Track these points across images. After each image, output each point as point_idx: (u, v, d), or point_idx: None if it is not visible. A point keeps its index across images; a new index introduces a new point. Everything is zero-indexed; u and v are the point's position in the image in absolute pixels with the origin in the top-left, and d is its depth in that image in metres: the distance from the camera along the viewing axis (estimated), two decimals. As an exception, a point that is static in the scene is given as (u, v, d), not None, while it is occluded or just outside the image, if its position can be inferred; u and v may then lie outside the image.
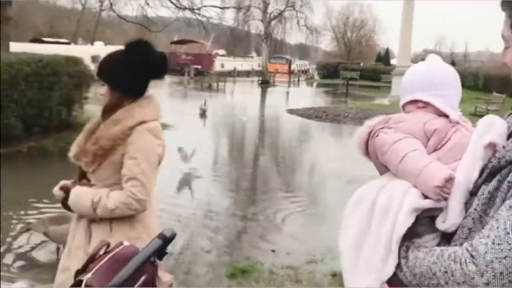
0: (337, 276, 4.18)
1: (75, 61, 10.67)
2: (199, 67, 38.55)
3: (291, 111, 18.31)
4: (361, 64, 48.40)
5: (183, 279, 4.02)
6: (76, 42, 35.03)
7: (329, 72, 46.45)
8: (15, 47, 12.52)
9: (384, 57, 52.86)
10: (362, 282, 1.16)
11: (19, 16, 26.69)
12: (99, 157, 2.12)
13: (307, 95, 28.64)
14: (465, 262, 0.96)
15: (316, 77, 49.83)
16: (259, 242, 5.03)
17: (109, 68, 2.22)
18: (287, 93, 28.14)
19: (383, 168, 1.27)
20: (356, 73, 40.72)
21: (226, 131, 13.87)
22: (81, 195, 2.13)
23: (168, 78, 34.62)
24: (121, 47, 2.26)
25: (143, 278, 1.78)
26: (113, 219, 2.20)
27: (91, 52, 21.93)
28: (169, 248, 1.83)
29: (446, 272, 0.99)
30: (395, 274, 1.13)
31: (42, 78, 9.35)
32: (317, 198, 6.80)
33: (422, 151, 1.16)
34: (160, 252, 1.86)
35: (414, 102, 1.29)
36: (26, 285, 2.06)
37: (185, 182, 7.35)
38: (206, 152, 9.26)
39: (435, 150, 1.17)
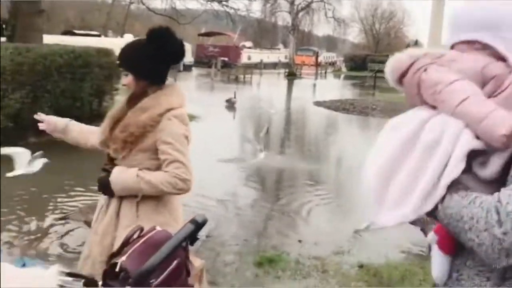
0: (364, 268, 4.19)
1: (106, 53, 10.86)
2: (226, 59, 38.65)
3: (318, 103, 18.23)
4: (389, 56, 47.40)
5: (210, 267, 4.09)
6: (106, 34, 35.58)
7: (357, 64, 45.90)
8: (48, 39, 12.82)
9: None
10: (393, 214, 1.13)
11: (51, 10, 27.31)
12: (129, 143, 2.18)
13: (334, 88, 28.42)
14: (491, 211, 0.97)
15: (344, 69, 49.37)
16: (286, 233, 5.06)
17: (132, 58, 2.26)
18: (314, 85, 27.98)
19: (418, 103, 1.21)
20: (384, 65, 40.07)
21: (252, 123, 13.89)
22: (125, 171, 2.19)
23: (195, 71, 35.00)
24: None
25: (175, 262, 1.84)
26: (140, 205, 2.25)
27: (121, 45, 21.82)
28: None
29: (472, 218, 1.00)
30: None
31: (74, 69, 9.57)
32: (344, 191, 6.78)
33: (483, 96, 1.09)
34: (191, 238, 1.92)
35: (469, 42, 1.19)
36: (60, 269, 2.13)
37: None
38: (233, 143, 9.33)
39: (489, 97, 1.10)
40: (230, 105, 15.67)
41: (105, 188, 2.25)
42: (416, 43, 54.33)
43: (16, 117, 8.48)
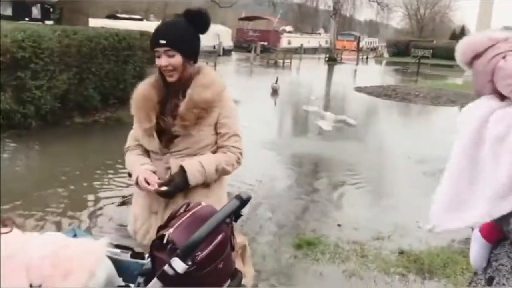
0: (404, 254, 4.14)
1: (148, 36, 10.95)
2: (265, 43, 38.49)
3: (359, 89, 17.94)
4: (434, 42, 46.20)
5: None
6: (148, 18, 36.04)
7: (400, 50, 44.83)
8: (93, 22, 13.12)
9: (460, 35, 49.99)
10: (470, 215, 1.10)
11: (95, -7, 27.81)
12: (201, 119, 2.20)
13: (376, 73, 27.82)
14: None
15: (386, 55, 48.27)
16: (325, 217, 5.04)
17: (181, 36, 2.18)
18: (355, 71, 27.50)
19: (487, 91, 1.17)
20: (429, 51, 38.93)
21: (291, 108, 13.82)
22: (200, 169, 2.20)
23: (234, 55, 35.04)
24: None
25: (220, 237, 1.88)
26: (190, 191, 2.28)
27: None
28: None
29: None
30: None
31: (118, 52, 9.79)
32: (385, 177, 6.68)
33: None
34: (236, 213, 1.95)
35: None
36: (109, 241, 2.21)
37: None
38: (272, 128, 9.33)
39: None
40: (273, 90, 15.32)
41: (181, 190, 2.24)
42: (463, 29, 52.48)
43: (63, 98, 8.77)
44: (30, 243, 1.95)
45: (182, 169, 2.21)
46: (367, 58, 41.52)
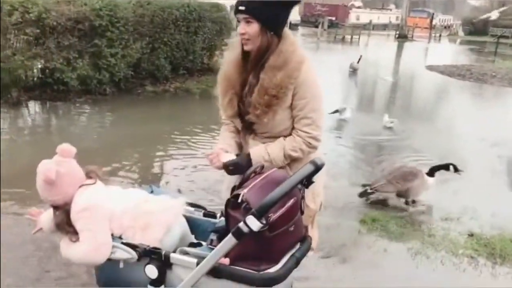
0: (474, 237, 3.99)
1: (218, 8, 11.11)
2: (333, 18, 37.66)
3: (430, 68, 17.20)
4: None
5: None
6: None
7: (476, 29, 42.36)
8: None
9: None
10: None
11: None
12: (273, 106, 2.10)
13: (449, 52, 26.48)
14: None
15: (461, 33, 45.73)
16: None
17: (262, 3, 2.04)
18: (426, 49, 26.32)
19: None
20: (509, 31, 36.49)
21: (359, 86, 13.47)
22: (265, 154, 2.17)
23: (300, 29, 34.57)
24: None
25: (292, 201, 1.91)
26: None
27: (231, 1, 22.53)
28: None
29: None
30: None
31: (189, 22, 9.95)
32: (456, 159, 6.38)
33: None
34: (309, 179, 1.96)
35: None
36: (185, 200, 2.30)
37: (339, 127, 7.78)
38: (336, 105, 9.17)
39: None
40: (352, 71, 14.24)
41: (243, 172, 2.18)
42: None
43: (136, 66, 9.09)
44: (114, 196, 2.06)
45: (248, 153, 2.21)
46: (440, 36, 39.53)
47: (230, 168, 2.17)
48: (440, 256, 3.66)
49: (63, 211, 1.95)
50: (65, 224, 1.94)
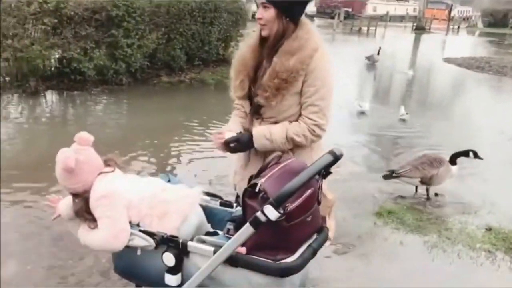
0: (492, 231, 3.94)
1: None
2: (349, 10, 37.30)
3: (448, 60, 16.96)
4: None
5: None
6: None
7: (496, 20, 41.67)
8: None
9: None
10: None
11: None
12: (282, 90, 2.11)
13: (467, 45, 26.07)
14: None
15: (480, 25, 44.96)
16: (407, 185, 4.87)
17: None
18: (444, 41, 25.94)
19: None
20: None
21: (374, 77, 13.34)
22: (267, 134, 2.16)
23: (316, 21, 34.31)
24: None
25: (309, 191, 1.89)
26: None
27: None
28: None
29: None
30: None
31: (205, 13, 9.93)
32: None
33: None
34: (327, 170, 1.94)
35: None
36: (202, 189, 2.30)
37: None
38: (352, 96, 9.11)
39: None
40: (371, 63, 14.05)
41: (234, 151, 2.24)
42: None
43: (152, 57, 9.12)
44: (132, 184, 2.07)
45: (250, 132, 2.21)
46: (458, 28, 38.92)
47: (231, 145, 2.18)
48: (457, 249, 3.62)
49: (82, 198, 1.97)
50: (84, 211, 1.96)
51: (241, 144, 2.18)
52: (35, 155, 5.06)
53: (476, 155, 4.62)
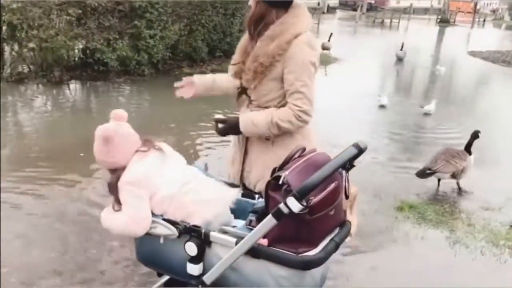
0: (516, 228, 3.87)
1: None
2: (372, 2, 36.82)
3: (473, 54, 16.63)
4: None
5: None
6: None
7: (524, 13, 40.48)
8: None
9: None
10: None
11: None
12: (259, 73, 2.15)
13: (493, 38, 25.49)
14: None
15: (507, 18, 43.89)
16: (428, 180, 4.81)
17: None
18: (469, 34, 25.42)
19: None
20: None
21: (397, 72, 13.15)
22: (254, 118, 2.20)
23: (338, 13, 33.96)
24: None
25: (333, 185, 1.88)
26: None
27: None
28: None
29: None
30: None
31: (226, 4, 9.92)
32: (499, 148, 6.18)
33: None
34: (351, 162, 1.93)
35: None
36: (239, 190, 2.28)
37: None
38: (371, 93, 9.00)
39: None
40: (397, 59, 13.62)
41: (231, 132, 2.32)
42: None
43: (174, 48, 9.16)
44: (165, 174, 2.03)
45: (238, 116, 2.27)
46: (484, 21, 38.09)
47: (218, 125, 2.27)
48: (480, 246, 3.57)
49: (116, 175, 1.98)
50: (114, 188, 1.98)
51: (227, 126, 2.26)
52: (56, 141, 5.13)
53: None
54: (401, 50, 13.50)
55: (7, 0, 6.95)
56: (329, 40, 13.47)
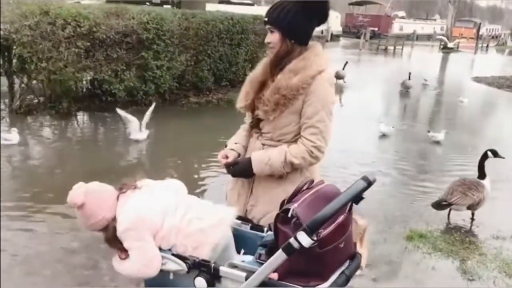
0: (529, 257, 3.81)
1: (261, 20, 11.20)
2: (375, 29, 37.23)
3: (477, 79, 16.69)
4: None
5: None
6: (259, 3, 36.57)
7: (526, 38, 40.76)
8: (209, 7, 13.60)
9: None
10: None
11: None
12: (281, 105, 2.17)
13: (497, 63, 25.62)
14: None
15: (509, 43, 44.18)
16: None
17: (281, 14, 2.18)
18: (473, 60, 25.55)
19: None
20: None
21: (401, 99, 13.18)
22: (267, 158, 2.21)
23: (342, 40, 34.34)
24: None
25: (342, 217, 1.87)
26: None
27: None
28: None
29: None
30: None
31: (232, 35, 10.07)
32: (506, 174, 6.15)
33: None
34: (359, 195, 1.92)
35: None
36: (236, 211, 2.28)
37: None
38: (377, 119, 9.03)
39: None
40: (404, 89, 12.93)
41: (234, 175, 2.34)
42: None
43: (180, 78, 9.27)
44: (161, 205, 2.03)
45: (249, 157, 2.26)
46: (487, 46, 38.38)
47: (230, 167, 2.29)
48: (492, 276, 3.52)
49: (110, 228, 1.95)
50: (115, 240, 1.95)
51: (239, 166, 2.27)
52: (66, 175, 5.16)
53: (495, 154, 4.56)
54: (409, 79, 12.95)
55: (17, 35, 7.09)
56: (343, 69, 13.24)
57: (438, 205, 4.47)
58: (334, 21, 33.92)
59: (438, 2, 47.07)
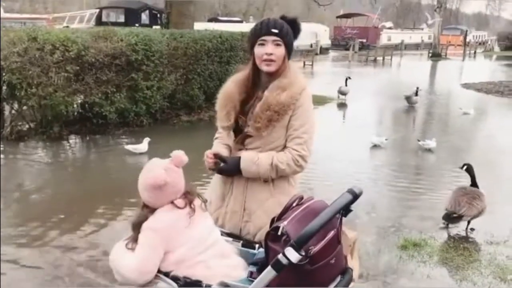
0: (524, 261, 3.83)
1: (249, 37, 11.30)
2: (364, 40, 37.62)
3: (466, 86, 16.87)
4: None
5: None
6: (247, 20, 36.92)
7: (513, 43, 41.30)
8: (197, 26, 13.71)
9: None
10: None
11: (198, -2, 29.06)
12: (274, 121, 2.26)
13: (485, 69, 25.90)
14: None
15: (496, 49, 44.76)
16: (432, 218, 4.80)
17: (290, 32, 2.30)
18: (461, 67, 25.80)
19: None
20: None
21: (393, 109, 13.27)
22: (255, 158, 2.28)
23: (331, 53, 34.63)
24: None
25: (332, 233, 1.89)
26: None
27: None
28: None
29: None
30: None
31: (221, 53, 10.14)
32: (499, 179, 6.19)
33: None
34: (347, 208, 1.94)
35: None
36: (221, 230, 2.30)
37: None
38: (371, 128, 9.09)
39: None
40: (410, 104, 12.10)
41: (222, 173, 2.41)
42: None
43: (171, 97, 9.31)
44: (188, 236, 2.01)
45: (239, 156, 2.32)
46: (475, 53, 38.83)
47: (219, 162, 2.33)
48: (487, 282, 3.53)
49: (145, 214, 2.00)
50: (137, 226, 1.99)
51: (228, 165, 2.32)
52: (62, 200, 5.14)
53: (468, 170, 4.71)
54: (416, 95, 12.15)
55: (6, 62, 7.11)
56: (346, 85, 12.53)
57: (449, 218, 4.45)
58: (323, 35, 34.26)
59: (424, 11, 47.65)
